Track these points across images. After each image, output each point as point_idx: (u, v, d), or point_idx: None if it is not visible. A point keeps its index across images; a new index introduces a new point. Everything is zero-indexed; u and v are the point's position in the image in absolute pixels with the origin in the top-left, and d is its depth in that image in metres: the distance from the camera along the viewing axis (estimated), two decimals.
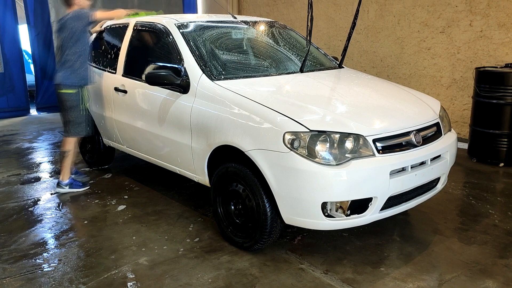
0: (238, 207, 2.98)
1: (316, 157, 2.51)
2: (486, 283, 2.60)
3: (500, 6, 5.17)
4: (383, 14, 6.43)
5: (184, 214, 3.59)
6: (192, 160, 3.26)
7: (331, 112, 2.82)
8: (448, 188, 4.02)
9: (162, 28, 3.67)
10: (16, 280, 2.69)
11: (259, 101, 2.83)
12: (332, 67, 3.95)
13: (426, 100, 3.33)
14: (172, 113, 3.35)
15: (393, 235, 3.18)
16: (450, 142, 3.06)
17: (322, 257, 2.90)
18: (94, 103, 4.45)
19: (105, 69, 4.30)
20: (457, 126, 5.71)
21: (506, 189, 4.11)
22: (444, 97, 5.82)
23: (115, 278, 2.70)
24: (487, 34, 5.33)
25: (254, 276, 2.69)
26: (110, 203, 3.86)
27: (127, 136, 4.04)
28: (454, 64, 5.70)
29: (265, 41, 4.00)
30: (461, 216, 3.51)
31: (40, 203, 3.92)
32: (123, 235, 3.25)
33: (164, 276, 2.70)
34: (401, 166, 2.66)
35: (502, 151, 4.68)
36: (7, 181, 4.49)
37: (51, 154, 5.47)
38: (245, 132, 2.77)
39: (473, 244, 3.05)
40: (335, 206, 2.62)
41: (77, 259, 2.93)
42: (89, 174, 4.65)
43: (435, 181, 3.03)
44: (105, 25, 4.61)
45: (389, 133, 2.71)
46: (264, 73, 3.46)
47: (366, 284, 2.60)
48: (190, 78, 3.24)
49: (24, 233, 3.32)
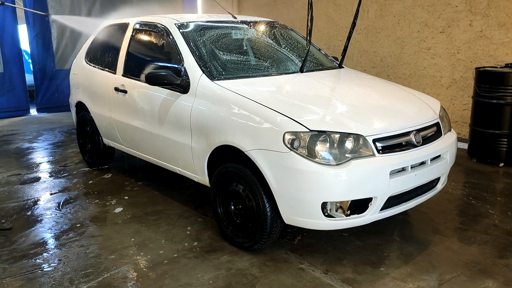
0: (238, 207, 2.98)
1: (316, 157, 2.51)
2: (486, 283, 2.60)
3: (500, 6, 5.17)
4: (383, 14, 6.43)
5: (184, 214, 3.59)
6: (192, 160, 3.26)
7: (331, 112, 2.82)
8: (448, 188, 4.02)
9: (162, 28, 3.67)
10: (16, 280, 2.69)
11: (259, 101, 2.83)
12: (332, 67, 3.95)
13: (426, 100, 3.33)
14: (172, 113, 3.35)
15: (393, 235, 3.18)
16: (450, 142, 3.06)
17: (322, 257, 2.90)
18: (94, 103, 4.45)
19: (105, 69, 4.30)
20: (457, 126, 5.71)
21: (506, 189, 4.11)
22: (444, 97, 5.82)
23: (115, 278, 2.70)
24: (487, 34, 5.33)
25: (254, 276, 2.69)
26: (110, 203, 3.86)
27: (127, 136, 4.04)
28: (454, 64, 5.70)
29: (265, 41, 4.00)
30: (461, 216, 3.51)
31: (40, 203, 3.92)
32: (123, 235, 3.25)
33: (164, 276, 2.70)
34: (401, 166, 2.66)
35: (502, 151, 4.68)
36: (7, 181, 4.49)
37: (51, 154, 5.47)
38: (245, 132, 2.77)
39: (473, 244, 3.06)
40: (335, 206, 2.62)
41: (77, 259, 2.93)
42: (89, 174, 4.65)
43: (435, 181, 3.03)
44: (105, 25, 4.61)
45: (389, 133, 2.71)
46: (264, 73, 3.46)
47: (366, 284, 2.60)
48: (190, 78, 3.24)
49: (24, 233, 3.32)
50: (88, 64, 4.62)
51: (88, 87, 4.56)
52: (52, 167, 4.94)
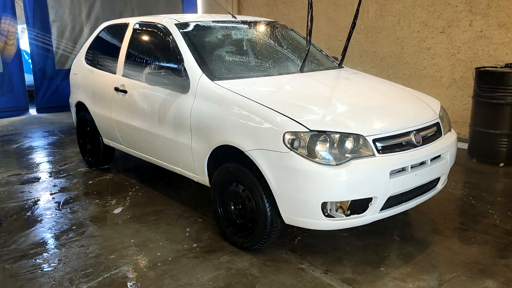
0: (238, 207, 2.97)
1: (316, 157, 2.51)
2: (486, 283, 2.60)
3: (500, 6, 5.17)
4: (383, 14, 6.43)
5: (184, 214, 3.58)
6: (192, 160, 3.25)
7: (331, 112, 2.82)
8: (448, 188, 4.02)
9: (162, 28, 3.67)
10: (16, 280, 2.69)
11: (259, 101, 2.83)
12: (332, 67, 3.95)
13: (426, 100, 3.33)
14: (172, 113, 3.35)
15: (393, 235, 3.18)
16: (450, 142, 3.06)
17: (322, 257, 2.90)
18: (94, 103, 4.45)
19: (105, 69, 4.30)
20: (457, 126, 5.71)
21: (506, 189, 4.11)
22: (444, 97, 5.82)
23: (115, 278, 2.70)
24: (487, 34, 5.33)
25: (254, 276, 2.69)
26: (110, 203, 3.86)
27: (127, 136, 4.04)
28: (454, 64, 5.70)
29: (265, 41, 4.00)
30: (461, 216, 3.51)
31: (40, 203, 3.92)
32: (123, 235, 3.25)
33: (164, 276, 2.70)
34: (401, 166, 2.66)
35: (502, 151, 4.68)
36: (7, 181, 4.49)
37: (51, 154, 5.46)
38: (245, 132, 2.77)
39: (473, 244, 3.05)
40: (335, 206, 2.62)
41: (77, 259, 2.93)
42: (89, 174, 4.65)
43: (435, 181, 3.03)
44: (105, 25, 4.61)
45: (389, 133, 2.71)
46: (264, 73, 3.46)
47: (366, 284, 2.60)
48: (190, 78, 3.24)
49: (24, 233, 3.32)
50: (88, 64, 4.62)
51: (88, 87, 4.55)
52: (52, 167, 4.94)
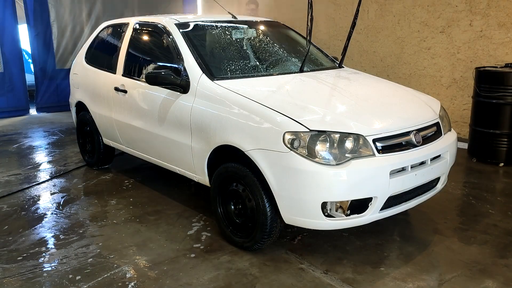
0: (238, 207, 2.98)
1: (316, 157, 2.51)
2: (486, 283, 2.60)
3: (500, 6, 5.17)
4: (383, 14, 6.43)
5: (184, 214, 3.59)
6: (192, 160, 3.26)
7: (331, 112, 2.82)
8: (448, 188, 4.02)
9: (162, 28, 3.67)
10: (16, 280, 2.69)
11: (259, 101, 2.83)
12: (332, 67, 3.95)
13: (426, 100, 3.33)
14: (172, 113, 3.35)
15: (393, 235, 3.18)
16: (450, 142, 3.06)
17: (322, 257, 2.90)
18: (94, 103, 4.45)
19: (105, 69, 4.30)
20: (457, 126, 5.71)
21: (506, 189, 4.11)
22: (444, 97, 5.82)
23: (115, 278, 2.70)
24: (487, 34, 5.33)
25: (254, 276, 2.69)
26: (110, 203, 3.86)
27: (127, 136, 4.04)
28: (454, 64, 5.70)
29: (265, 40, 4.00)
30: (461, 216, 3.51)
31: (40, 203, 3.92)
32: (123, 235, 3.25)
33: (164, 276, 2.70)
34: (401, 166, 2.66)
35: (502, 151, 4.68)
36: (7, 181, 4.49)
37: (51, 154, 5.46)
38: (245, 132, 2.77)
39: (473, 244, 3.05)
40: (335, 206, 2.62)
41: (77, 259, 2.93)
42: (89, 174, 4.65)
43: (435, 181, 3.03)
44: (105, 25, 4.61)
45: (389, 133, 2.70)
46: (264, 73, 3.46)
47: (366, 284, 2.60)
48: (190, 78, 3.24)
49: (24, 233, 3.32)
50: (88, 64, 4.62)
51: (88, 87, 4.56)
52: (52, 167, 4.94)
